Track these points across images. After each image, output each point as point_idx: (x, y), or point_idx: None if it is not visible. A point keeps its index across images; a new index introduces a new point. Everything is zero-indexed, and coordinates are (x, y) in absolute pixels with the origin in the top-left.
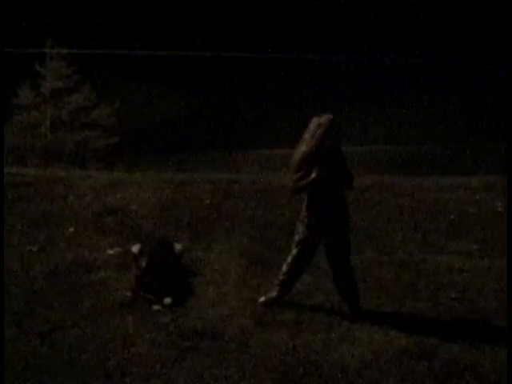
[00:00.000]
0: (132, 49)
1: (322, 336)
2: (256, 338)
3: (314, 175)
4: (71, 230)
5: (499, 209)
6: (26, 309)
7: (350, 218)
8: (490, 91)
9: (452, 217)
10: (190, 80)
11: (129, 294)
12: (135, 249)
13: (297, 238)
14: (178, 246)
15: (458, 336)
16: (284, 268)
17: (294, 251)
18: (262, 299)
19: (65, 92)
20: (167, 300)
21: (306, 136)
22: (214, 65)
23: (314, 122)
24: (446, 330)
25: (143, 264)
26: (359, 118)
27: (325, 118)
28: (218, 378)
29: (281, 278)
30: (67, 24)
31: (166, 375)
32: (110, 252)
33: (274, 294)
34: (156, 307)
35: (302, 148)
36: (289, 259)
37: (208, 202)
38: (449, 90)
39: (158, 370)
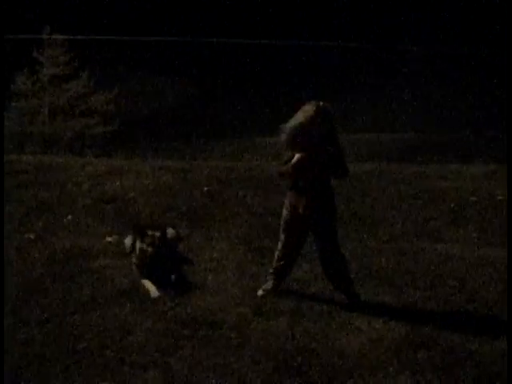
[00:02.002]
0: (131, 35)
1: (321, 324)
2: (255, 327)
3: (293, 162)
4: (69, 217)
5: (499, 197)
6: (23, 297)
7: (336, 208)
8: (489, 78)
9: (452, 205)
10: (188, 67)
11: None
12: (128, 241)
13: (282, 223)
14: (170, 231)
15: (458, 325)
16: (276, 256)
17: (282, 237)
18: (260, 292)
19: (63, 79)
20: (172, 287)
21: (293, 122)
22: (213, 52)
23: (303, 108)
24: (446, 318)
25: (138, 254)
26: (359, 105)
27: (312, 105)
28: (217, 367)
29: (274, 266)
30: (65, 10)
31: (164, 364)
32: (109, 240)
33: (270, 284)
34: (156, 295)
35: (289, 133)
36: (279, 246)
37: (206, 189)
38: (449, 76)
39: (157, 358)
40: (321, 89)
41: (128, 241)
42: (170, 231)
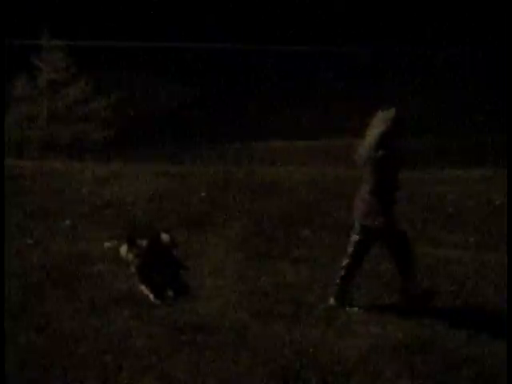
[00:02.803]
0: (129, 40)
1: (319, 329)
2: (253, 331)
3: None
4: (68, 222)
5: (497, 202)
6: (22, 302)
7: None
8: (487, 82)
9: (450, 210)
10: (187, 72)
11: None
12: (123, 250)
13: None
14: (165, 237)
15: (456, 329)
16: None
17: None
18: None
19: (61, 84)
20: (169, 293)
21: (375, 131)
22: (212, 56)
23: (381, 116)
24: (444, 322)
25: (136, 262)
26: (356, 110)
27: (393, 113)
28: (215, 372)
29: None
30: (64, 16)
31: (162, 369)
32: (107, 245)
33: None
34: (156, 300)
35: (372, 142)
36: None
37: (205, 194)
38: (446, 81)
39: (155, 363)
40: (321, 93)
41: (123, 250)
42: (165, 237)
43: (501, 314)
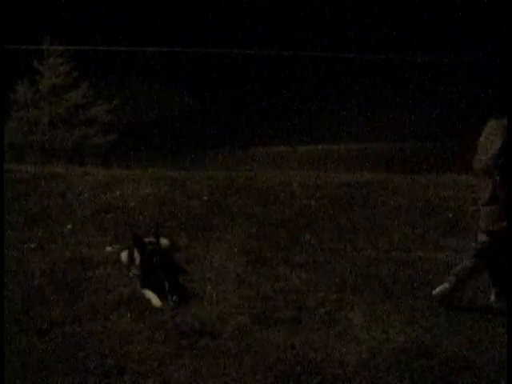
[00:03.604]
0: (131, 45)
1: (320, 334)
2: (254, 336)
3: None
4: (69, 227)
5: None
6: (23, 306)
7: None
8: (486, 86)
9: (450, 214)
10: (189, 77)
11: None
12: (124, 256)
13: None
14: (164, 241)
15: (457, 334)
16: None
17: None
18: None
19: (63, 89)
20: (171, 297)
21: (496, 139)
22: (216, 62)
23: (496, 125)
24: (445, 327)
25: (137, 267)
26: (356, 114)
27: (503, 123)
28: (216, 377)
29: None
30: (65, 21)
31: (163, 373)
32: (109, 249)
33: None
34: (158, 304)
35: (492, 152)
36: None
37: (207, 198)
38: (445, 86)
39: (156, 367)
40: (320, 99)
41: (124, 255)
42: (165, 241)
43: (501, 318)
